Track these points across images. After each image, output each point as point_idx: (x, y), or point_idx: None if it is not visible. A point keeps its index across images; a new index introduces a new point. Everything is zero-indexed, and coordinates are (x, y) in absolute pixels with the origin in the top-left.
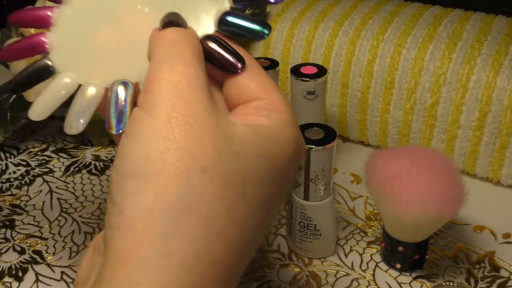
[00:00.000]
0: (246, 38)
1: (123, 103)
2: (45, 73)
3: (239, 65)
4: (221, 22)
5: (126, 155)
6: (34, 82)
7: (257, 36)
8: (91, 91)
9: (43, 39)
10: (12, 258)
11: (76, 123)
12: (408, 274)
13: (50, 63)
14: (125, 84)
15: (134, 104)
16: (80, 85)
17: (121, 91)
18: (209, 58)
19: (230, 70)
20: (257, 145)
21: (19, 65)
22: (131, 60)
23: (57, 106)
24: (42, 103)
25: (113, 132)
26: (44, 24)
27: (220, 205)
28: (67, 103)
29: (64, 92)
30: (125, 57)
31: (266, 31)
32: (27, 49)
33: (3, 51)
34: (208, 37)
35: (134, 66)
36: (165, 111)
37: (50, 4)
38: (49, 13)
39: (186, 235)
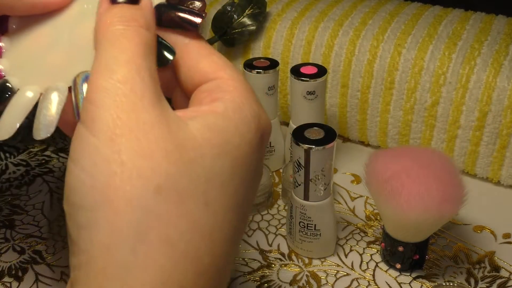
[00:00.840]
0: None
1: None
2: (5, 92)
3: (197, 20)
4: None
5: (72, 183)
6: None
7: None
8: (54, 92)
9: None
10: (12, 258)
11: (44, 127)
12: (408, 274)
13: (8, 84)
14: (87, 76)
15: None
16: (41, 94)
17: (85, 84)
18: (167, 24)
19: (190, 28)
20: (214, 143)
21: None
22: (86, 56)
23: (21, 120)
24: (7, 120)
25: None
26: None
27: (181, 223)
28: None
29: (25, 105)
30: (79, 55)
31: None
32: None
33: None
34: (160, 6)
35: (91, 61)
36: (107, 127)
37: None
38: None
39: (149, 265)
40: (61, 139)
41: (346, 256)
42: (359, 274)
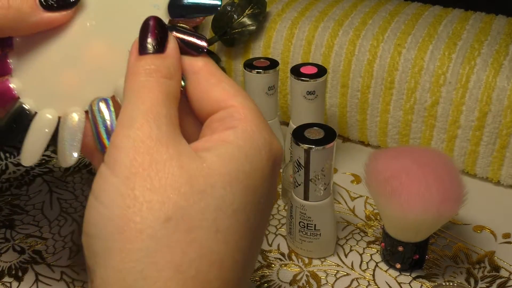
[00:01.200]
0: (200, 15)
1: (108, 118)
2: (24, 116)
3: (203, 44)
4: (172, 6)
5: (92, 216)
6: (15, 130)
7: (210, 11)
8: (74, 118)
9: (9, 85)
10: (12, 258)
11: (69, 154)
12: (408, 274)
13: (25, 106)
14: (104, 100)
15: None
16: (59, 118)
17: (103, 108)
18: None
19: (196, 53)
20: (225, 172)
21: None
22: (98, 77)
23: (45, 145)
24: (30, 147)
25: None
26: (4, 72)
27: (191, 250)
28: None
29: (47, 130)
30: (90, 76)
31: (218, 2)
32: None
33: None
34: (168, 28)
35: (103, 82)
36: (125, 167)
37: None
38: (8, 60)
39: None
40: None
41: (346, 256)
42: (359, 274)
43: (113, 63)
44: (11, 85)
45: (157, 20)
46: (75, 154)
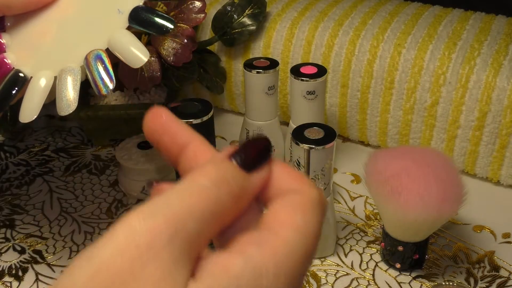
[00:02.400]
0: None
1: (103, 68)
2: (20, 81)
3: (170, 25)
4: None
5: None
6: (12, 93)
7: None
8: (68, 76)
9: (5, 60)
10: (12, 257)
11: (66, 105)
12: (408, 273)
13: (20, 73)
14: (98, 53)
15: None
16: (55, 77)
17: (97, 60)
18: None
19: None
20: None
21: None
22: (91, 34)
23: (41, 103)
24: (27, 105)
25: (104, 91)
26: None
27: None
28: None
29: (42, 89)
30: (83, 34)
31: (171, 26)
32: None
33: None
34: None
35: (96, 38)
36: (99, 262)
37: None
38: (1, 40)
39: None
40: (61, 139)
41: (346, 255)
42: (359, 273)
43: (104, 20)
44: (7, 60)
45: (270, 145)
46: (72, 105)
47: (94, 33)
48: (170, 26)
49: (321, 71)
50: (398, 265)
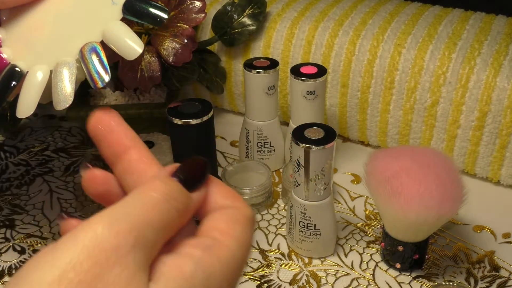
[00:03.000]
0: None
1: (98, 61)
2: (16, 75)
3: (163, 15)
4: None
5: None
6: (9, 88)
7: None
8: (64, 70)
9: (1, 55)
10: (12, 257)
11: (64, 99)
12: (408, 273)
13: (17, 68)
14: (93, 45)
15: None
16: (51, 71)
17: (92, 53)
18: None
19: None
20: None
21: None
22: (85, 27)
23: (38, 98)
24: (24, 100)
25: (100, 84)
26: None
27: None
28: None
29: (39, 83)
30: (77, 27)
31: (165, 16)
32: None
33: None
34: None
35: (91, 30)
36: (64, 264)
37: None
38: None
39: None
40: (61, 139)
41: (346, 255)
42: (359, 273)
43: (97, 11)
44: (3, 55)
45: (208, 165)
46: (69, 99)
47: (88, 25)
48: (164, 16)
49: (321, 71)
50: (398, 265)
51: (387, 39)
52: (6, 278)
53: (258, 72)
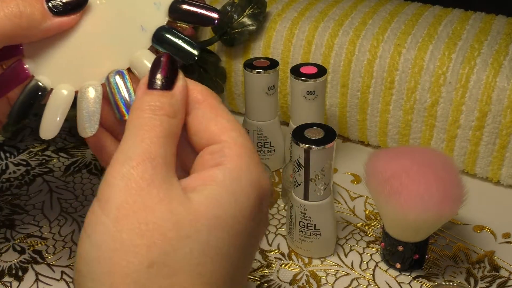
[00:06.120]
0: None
1: (125, 89)
2: (39, 92)
3: (215, 15)
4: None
5: (83, 256)
6: (31, 106)
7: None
8: (91, 92)
9: (24, 65)
10: (12, 257)
11: (89, 126)
12: (408, 274)
13: (40, 83)
14: (119, 72)
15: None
16: (76, 92)
17: (119, 80)
18: (185, 19)
19: (207, 23)
20: (212, 215)
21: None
22: (113, 51)
23: (63, 119)
24: (48, 121)
25: (127, 117)
26: (16, 53)
27: None
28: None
29: (64, 104)
30: (105, 50)
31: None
32: (12, 79)
33: None
34: (176, 2)
35: (118, 55)
36: (116, 208)
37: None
38: (20, 47)
39: None
40: (61, 139)
41: (346, 255)
42: (359, 273)
43: (126, 36)
44: (25, 66)
45: (169, 57)
46: (95, 125)
47: (116, 50)
48: (195, 53)
49: (321, 71)
50: (398, 265)
51: (387, 39)
52: (6, 278)
53: (258, 72)
